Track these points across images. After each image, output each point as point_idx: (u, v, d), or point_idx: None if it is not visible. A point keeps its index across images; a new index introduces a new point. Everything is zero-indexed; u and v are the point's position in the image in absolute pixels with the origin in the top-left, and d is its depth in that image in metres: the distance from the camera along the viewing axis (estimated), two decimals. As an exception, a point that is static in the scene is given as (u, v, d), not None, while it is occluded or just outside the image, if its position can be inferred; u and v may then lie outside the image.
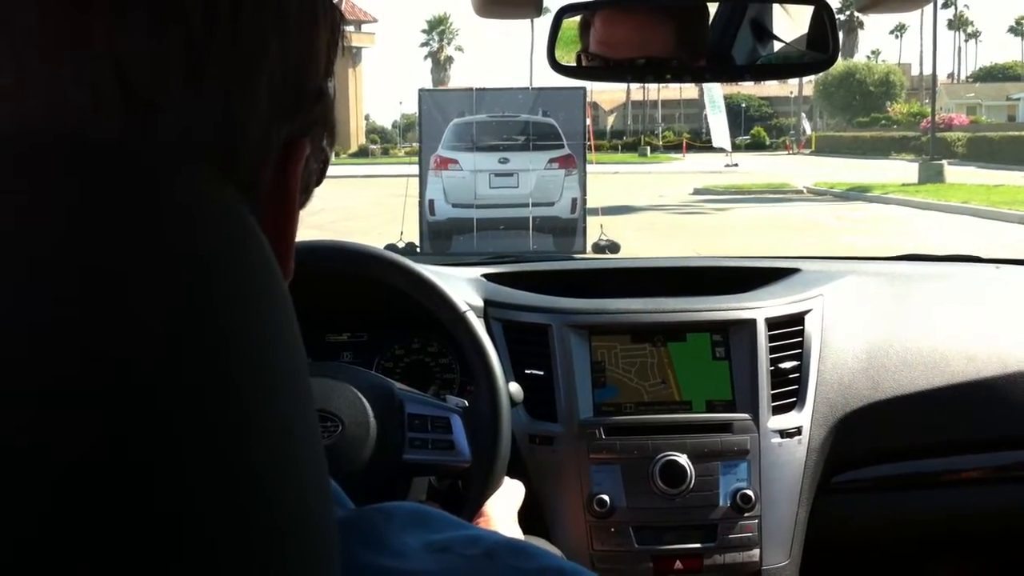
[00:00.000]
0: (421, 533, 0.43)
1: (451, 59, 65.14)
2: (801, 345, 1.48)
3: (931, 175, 20.07)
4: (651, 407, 1.44)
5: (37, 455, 0.25)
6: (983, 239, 10.52)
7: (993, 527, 1.57)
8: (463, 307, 1.22)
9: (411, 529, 0.43)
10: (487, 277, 1.60)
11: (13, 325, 0.27)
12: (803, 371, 1.46)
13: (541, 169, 10.22)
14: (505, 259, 1.78)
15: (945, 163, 21.13)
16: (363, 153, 44.37)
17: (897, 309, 1.59)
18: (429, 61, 65.80)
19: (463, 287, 1.50)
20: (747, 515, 1.37)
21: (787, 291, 1.56)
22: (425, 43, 65.97)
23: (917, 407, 1.49)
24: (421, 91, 10.82)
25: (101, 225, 0.29)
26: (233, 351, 0.30)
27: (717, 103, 24.48)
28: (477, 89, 11.04)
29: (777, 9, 1.30)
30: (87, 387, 0.26)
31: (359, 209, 14.49)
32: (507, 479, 1.17)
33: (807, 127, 52.39)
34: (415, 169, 10.38)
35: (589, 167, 10.52)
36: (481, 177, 10.20)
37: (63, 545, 0.25)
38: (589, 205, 10.33)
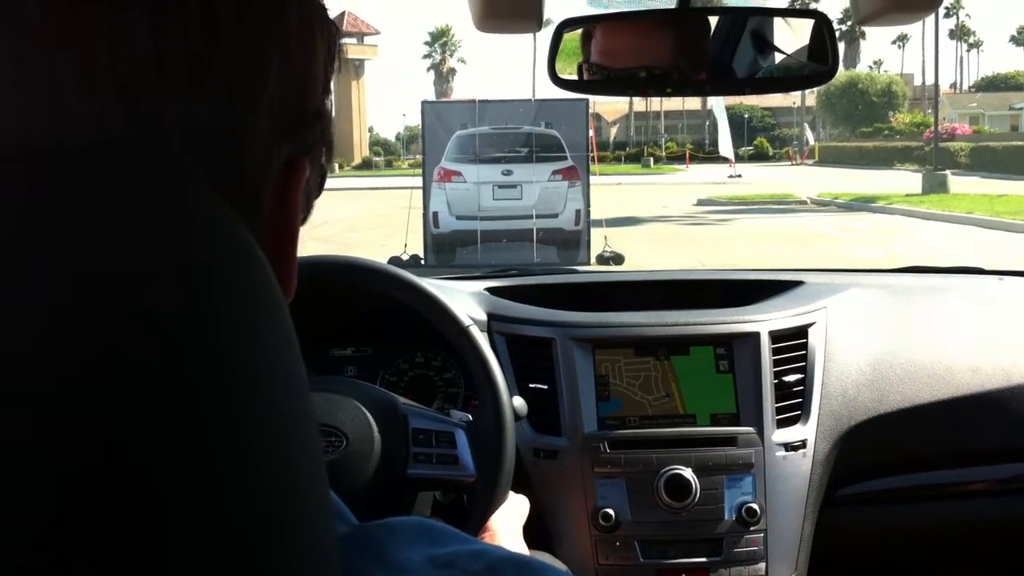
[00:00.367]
0: (425, 548, 0.43)
1: (454, 71, 65.22)
2: (805, 358, 1.48)
3: (935, 185, 20.06)
4: (655, 420, 1.44)
5: (42, 454, 0.26)
6: (991, 250, 10.49)
7: (998, 539, 1.56)
8: (467, 321, 1.22)
9: (415, 544, 0.43)
10: (490, 291, 1.60)
11: (19, 327, 0.27)
12: (807, 384, 1.46)
13: (544, 181, 10.22)
14: (508, 272, 1.78)
15: (949, 173, 21.11)
16: (367, 165, 44.40)
17: (901, 321, 1.59)
18: (432, 73, 65.89)
19: (466, 301, 1.50)
20: (752, 528, 1.37)
21: (791, 304, 1.56)
22: (428, 55, 66.06)
23: (921, 419, 1.48)
24: (424, 103, 10.83)
25: (100, 235, 0.29)
26: (233, 359, 0.30)
27: (718, 114, 24.53)
28: (480, 101, 11.07)
29: (778, 22, 1.30)
30: (92, 387, 0.27)
31: (363, 221, 14.50)
32: (512, 493, 1.16)
33: (810, 137, 52.32)
34: (419, 181, 10.38)
35: (592, 178, 10.53)
36: (484, 189, 10.21)
37: (63, 545, 0.25)
38: (593, 216, 10.33)
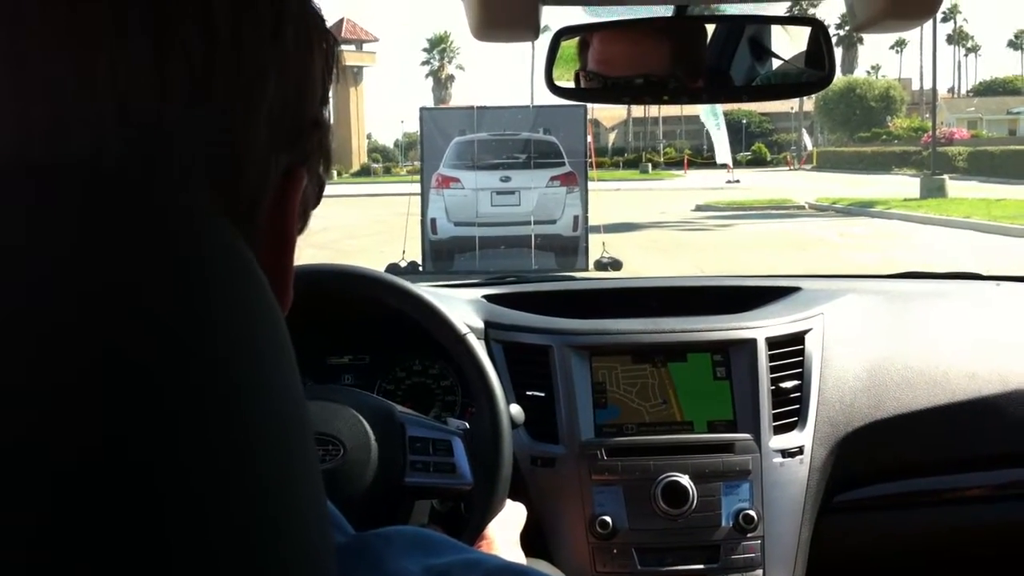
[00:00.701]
0: (421, 558, 0.43)
1: (452, 77, 65.29)
2: (802, 364, 1.48)
3: (933, 190, 20.06)
4: (653, 428, 1.44)
5: (42, 454, 0.26)
6: (988, 254, 10.50)
7: (996, 545, 1.56)
8: (463, 329, 1.22)
9: (411, 554, 0.43)
10: (488, 298, 1.60)
11: (19, 328, 0.27)
12: (804, 390, 1.46)
13: (542, 187, 10.24)
14: (506, 280, 1.78)
15: (947, 177, 21.12)
16: (365, 172, 44.46)
17: (898, 327, 1.59)
18: (430, 80, 65.97)
19: (464, 309, 1.50)
20: (750, 535, 1.37)
21: (787, 310, 1.56)
22: (426, 62, 66.14)
23: (918, 425, 1.48)
24: (422, 110, 10.86)
25: (99, 243, 0.29)
26: (231, 364, 0.30)
27: (714, 121, 24.49)
28: (478, 107, 11.10)
29: (775, 29, 1.30)
30: (92, 388, 0.27)
31: (361, 228, 14.51)
32: (509, 501, 1.17)
33: (808, 142, 52.40)
34: (417, 188, 10.40)
35: (590, 184, 10.54)
36: (483, 195, 10.22)
37: (63, 545, 0.26)
38: (591, 223, 10.34)
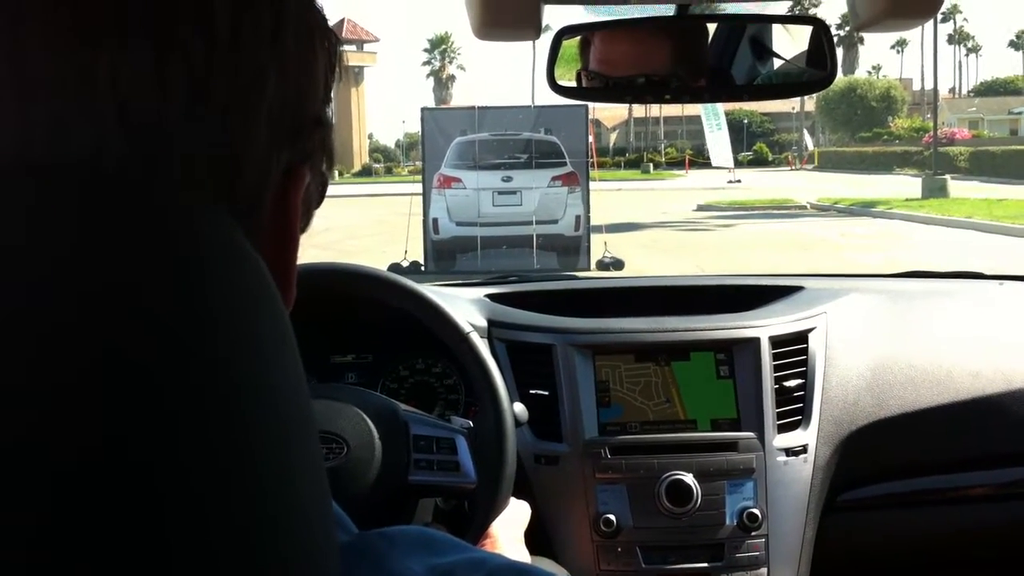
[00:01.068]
0: (425, 558, 0.43)
1: (453, 77, 65.32)
2: (805, 363, 1.48)
3: (934, 190, 20.06)
4: (656, 426, 1.44)
5: (42, 454, 0.26)
6: (990, 253, 10.50)
7: (1001, 544, 1.56)
8: (467, 328, 1.22)
9: (414, 554, 0.43)
10: (490, 297, 1.60)
11: (19, 328, 0.27)
12: (808, 389, 1.46)
13: (544, 187, 10.23)
14: (509, 279, 1.78)
15: (948, 177, 21.11)
16: (366, 172, 44.48)
17: (901, 326, 1.59)
18: (431, 80, 66.00)
19: (467, 308, 1.50)
20: (754, 534, 1.37)
21: (791, 309, 1.56)
22: (427, 62, 66.18)
23: (922, 424, 1.48)
24: (423, 110, 10.85)
25: (99, 242, 0.29)
26: (232, 363, 0.30)
27: (715, 122, 24.44)
28: (479, 107, 11.08)
29: (776, 28, 1.30)
30: (92, 388, 0.27)
31: (363, 228, 14.52)
32: (513, 500, 1.16)
33: (809, 143, 52.40)
34: (418, 188, 10.39)
35: (592, 184, 10.54)
36: (484, 195, 10.22)
37: (63, 545, 0.26)
38: (593, 222, 10.33)
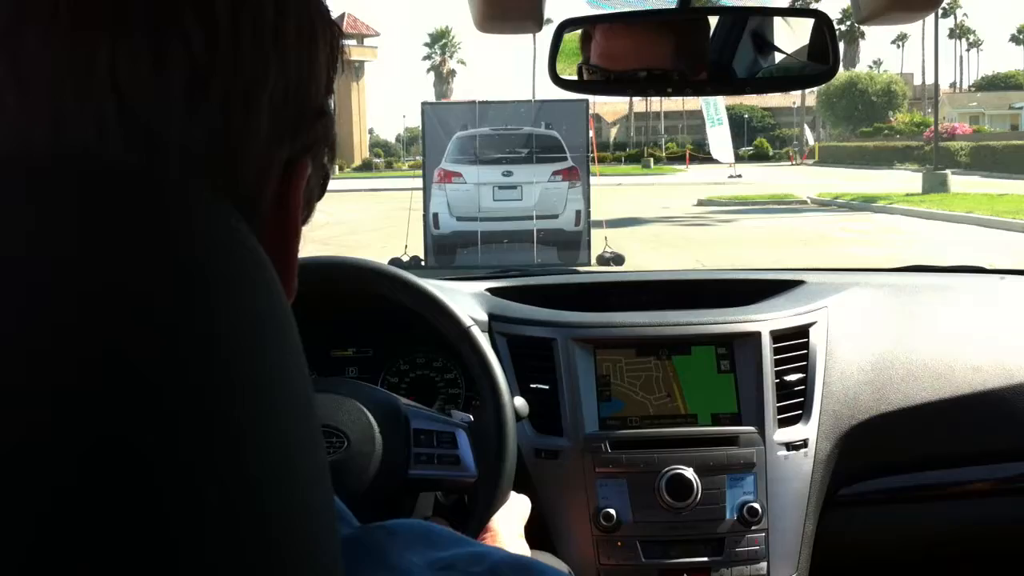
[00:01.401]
0: (425, 551, 0.43)
1: (454, 72, 65.26)
2: (806, 357, 1.48)
3: (935, 185, 20.07)
4: (657, 421, 1.44)
5: (42, 454, 0.26)
6: (992, 248, 10.49)
7: (1001, 539, 1.56)
8: (468, 322, 1.22)
9: (415, 547, 0.43)
10: (491, 291, 1.60)
11: (19, 328, 0.27)
12: (808, 383, 1.46)
13: (545, 182, 10.22)
14: (509, 272, 1.78)
15: (949, 172, 21.12)
16: (367, 167, 44.43)
17: (902, 320, 1.59)
18: (432, 74, 65.94)
19: (467, 302, 1.50)
20: (754, 528, 1.37)
21: (792, 303, 1.56)
22: (428, 56, 66.11)
23: (923, 419, 1.48)
24: (424, 104, 10.82)
25: (99, 238, 0.29)
26: (233, 359, 0.30)
27: (716, 116, 24.42)
28: (480, 102, 11.05)
29: (778, 21, 1.30)
30: (92, 387, 0.27)
31: (363, 223, 14.51)
32: (513, 494, 1.16)
33: (810, 137, 52.34)
34: (419, 183, 10.38)
35: (592, 179, 10.52)
36: (485, 190, 10.20)
37: (64, 545, 0.25)
38: (593, 217, 10.32)
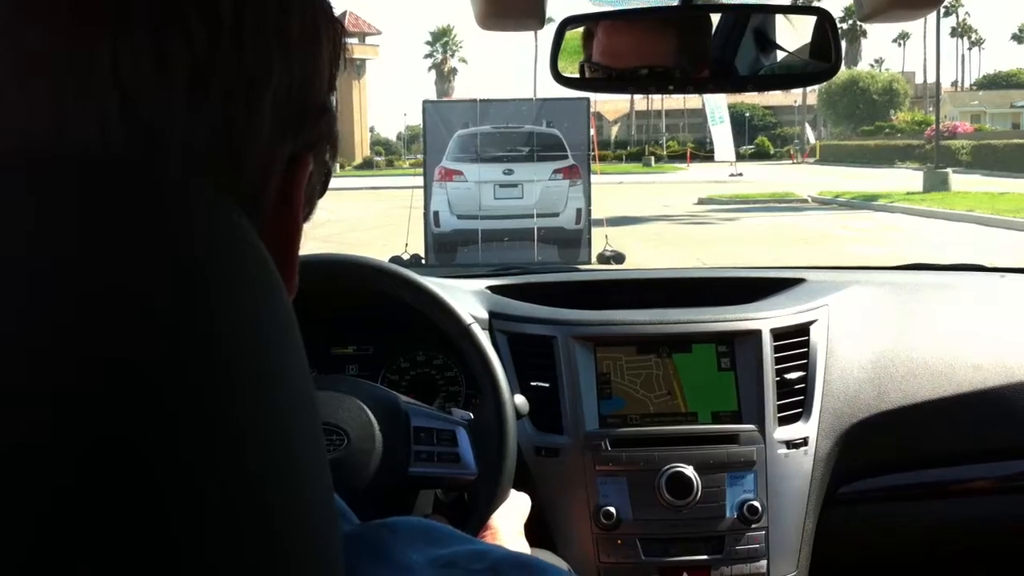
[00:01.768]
0: (426, 548, 0.43)
1: (455, 70, 65.29)
2: (807, 356, 1.48)
3: (936, 183, 20.06)
4: (657, 418, 1.43)
5: (42, 454, 0.26)
6: (992, 247, 10.48)
7: (1001, 537, 1.56)
8: (468, 319, 1.22)
9: (416, 544, 0.43)
10: (492, 289, 1.60)
11: (19, 328, 0.27)
12: (809, 381, 1.46)
13: (545, 180, 10.21)
14: (510, 270, 1.78)
15: (950, 171, 21.11)
16: (368, 165, 44.40)
17: (902, 319, 1.59)
18: (433, 72, 65.97)
19: (468, 299, 1.50)
20: (754, 526, 1.37)
21: (792, 301, 1.56)
22: (429, 54, 66.15)
23: (923, 417, 1.48)
24: (425, 103, 10.81)
25: (100, 236, 0.29)
26: (234, 359, 0.30)
27: (718, 114, 24.43)
28: (481, 100, 11.04)
29: (780, 19, 1.30)
30: (92, 387, 0.27)
31: (364, 221, 14.51)
32: (513, 491, 1.16)
33: (811, 136, 52.31)
34: (420, 181, 10.38)
35: (593, 177, 10.51)
36: (485, 188, 10.20)
37: (64, 545, 0.25)
38: (594, 216, 10.32)
